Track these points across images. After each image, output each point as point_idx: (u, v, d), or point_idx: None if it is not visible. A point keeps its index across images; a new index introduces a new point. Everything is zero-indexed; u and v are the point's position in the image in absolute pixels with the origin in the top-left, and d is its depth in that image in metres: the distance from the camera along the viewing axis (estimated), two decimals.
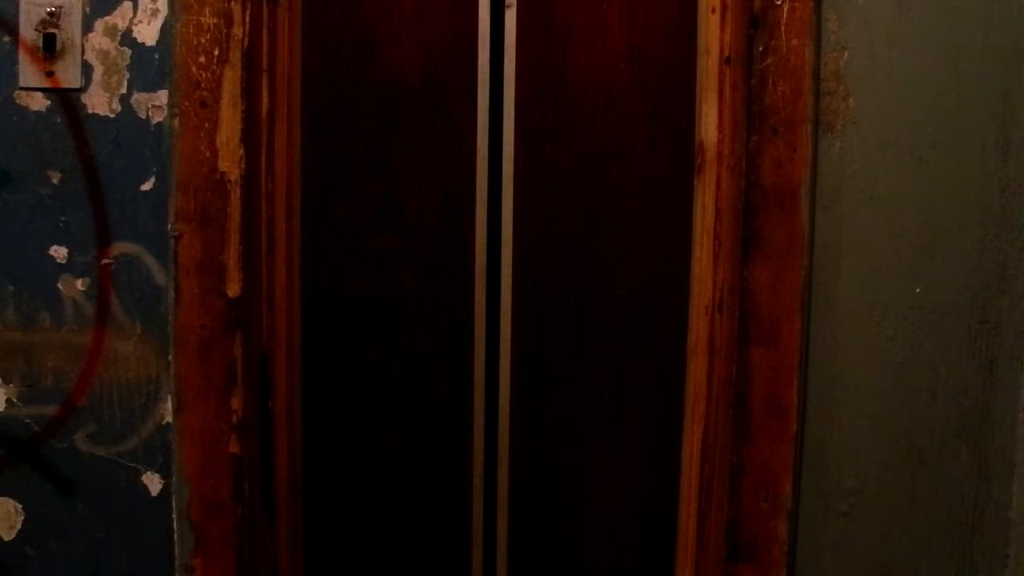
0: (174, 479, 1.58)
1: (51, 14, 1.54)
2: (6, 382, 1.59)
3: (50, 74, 1.55)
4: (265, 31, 1.61)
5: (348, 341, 1.78)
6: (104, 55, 1.56)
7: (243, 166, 1.55)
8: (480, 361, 1.80)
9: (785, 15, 1.51)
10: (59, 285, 1.58)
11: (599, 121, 1.75)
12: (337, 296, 1.77)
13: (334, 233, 1.76)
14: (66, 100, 1.56)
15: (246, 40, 1.54)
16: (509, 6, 1.73)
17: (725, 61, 1.62)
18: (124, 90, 1.56)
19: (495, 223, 1.78)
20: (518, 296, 1.79)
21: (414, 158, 1.76)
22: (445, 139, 1.76)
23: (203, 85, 1.53)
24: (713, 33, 1.64)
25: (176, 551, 1.58)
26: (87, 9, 1.55)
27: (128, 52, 1.56)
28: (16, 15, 1.55)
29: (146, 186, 1.57)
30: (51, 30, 1.54)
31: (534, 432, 1.82)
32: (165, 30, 1.55)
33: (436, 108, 1.76)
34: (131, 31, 1.56)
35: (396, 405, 1.80)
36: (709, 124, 1.65)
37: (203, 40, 1.53)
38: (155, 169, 1.56)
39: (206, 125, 1.54)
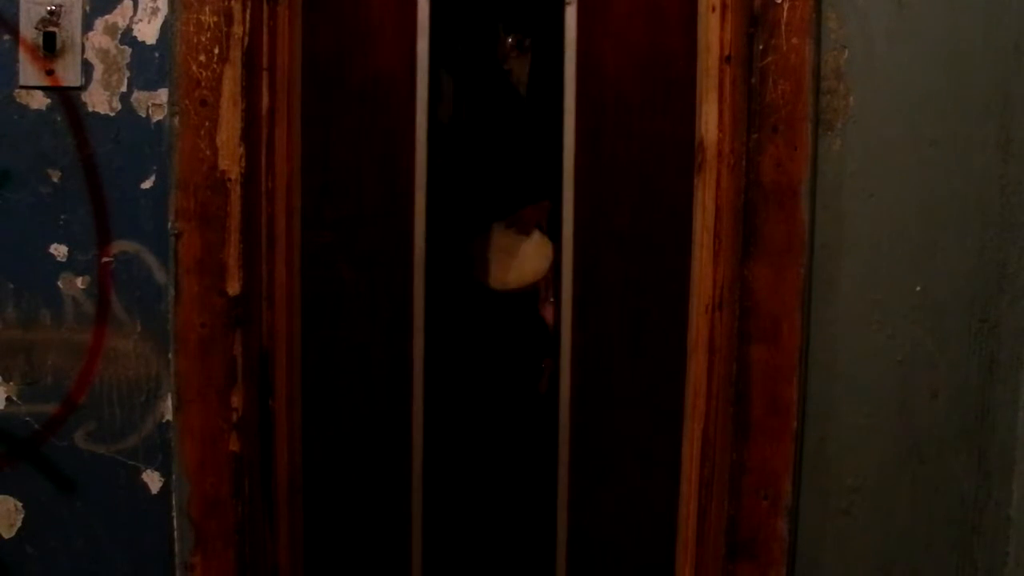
0: (174, 477, 1.58)
1: (51, 13, 1.54)
2: (6, 380, 1.59)
3: (50, 73, 1.55)
4: (265, 29, 1.61)
5: None
6: (104, 54, 1.56)
7: (243, 164, 1.55)
8: (419, 354, 1.81)
9: (785, 13, 1.51)
10: (59, 283, 1.58)
11: (658, 118, 1.75)
12: None
13: None
14: (66, 99, 1.56)
15: (246, 38, 1.54)
16: (569, 4, 1.73)
17: (725, 59, 1.62)
18: (124, 88, 1.56)
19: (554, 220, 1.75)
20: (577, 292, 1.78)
21: (352, 151, 1.77)
22: (383, 131, 1.77)
23: (203, 84, 1.53)
24: (713, 31, 1.64)
25: (176, 549, 1.58)
26: (87, 7, 1.55)
27: (128, 51, 1.56)
28: (16, 13, 1.55)
29: (146, 184, 1.57)
30: (51, 29, 1.54)
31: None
32: (165, 28, 1.55)
33: (376, 102, 1.77)
34: (131, 29, 1.56)
35: (336, 397, 1.81)
36: (709, 122, 1.65)
37: (203, 38, 1.53)
38: (155, 167, 1.56)
39: (206, 124, 1.54)
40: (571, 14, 1.74)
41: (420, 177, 1.79)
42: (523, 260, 2.49)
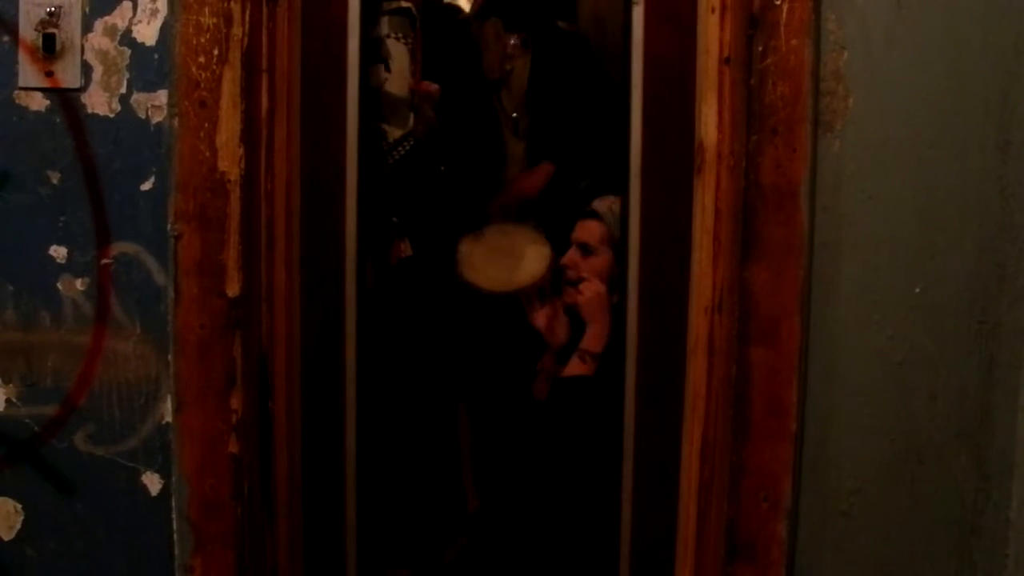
0: (174, 479, 1.58)
1: (51, 14, 1.54)
2: (6, 382, 1.59)
3: (50, 74, 1.55)
4: (265, 31, 1.61)
5: None
6: (104, 55, 1.56)
7: (243, 166, 1.55)
8: (351, 360, 1.80)
9: (784, 15, 1.51)
10: (59, 285, 1.58)
11: None
12: None
13: None
14: (65, 100, 1.56)
15: (246, 40, 1.54)
16: (636, 3, 1.73)
17: (724, 61, 1.62)
18: (124, 90, 1.56)
19: None
20: None
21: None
22: (313, 129, 1.77)
23: (203, 85, 1.53)
24: (712, 33, 1.63)
25: (176, 551, 1.58)
26: (86, 9, 1.55)
27: (128, 52, 1.56)
28: (16, 15, 1.55)
29: (146, 186, 1.57)
30: (51, 30, 1.54)
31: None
32: (165, 30, 1.55)
33: (305, 100, 1.76)
34: (131, 31, 1.56)
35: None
36: (709, 124, 1.65)
37: (203, 40, 1.53)
38: (154, 169, 1.56)
39: (206, 125, 1.54)
40: (638, 14, 1.74)
41: (351, 178, 1.76)
42: (518, 262, 2.48)
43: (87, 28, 1.55)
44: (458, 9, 3.03)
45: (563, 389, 2.13)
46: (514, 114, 2.80)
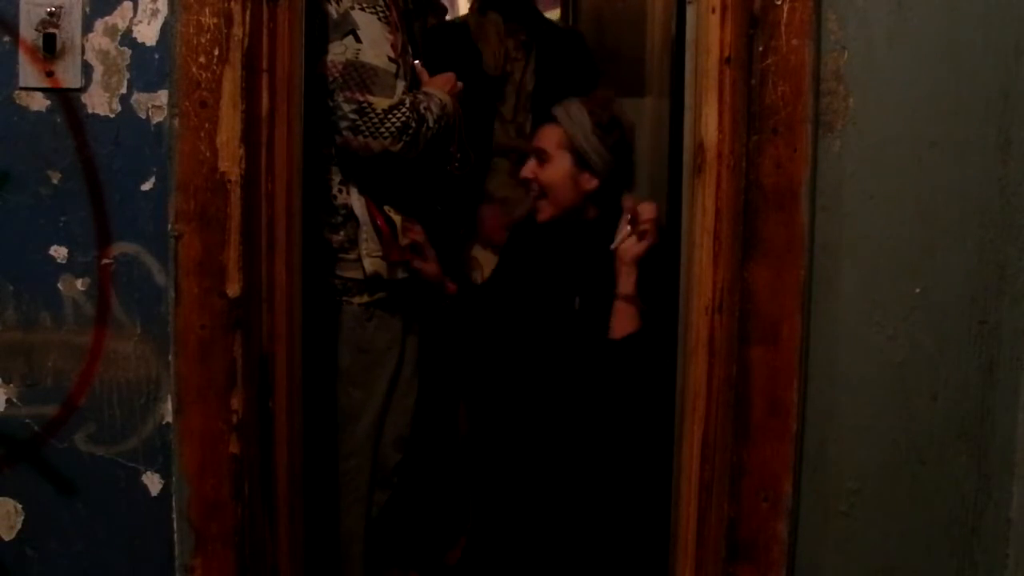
0: (174, 479, 1.58)
1: (51, 14, 1.54)
2: (6, 382, 1.59)
3: (50, 74, 1.55)
4: (265, 31, 1.61)
5: None
6: (104, 55, 1.56)
7: (243, 166, 1.55)
8: None
9: (785, 15, 1.51)
10: (59, 285, 1.58)
11: None
12: None
13: None
14: (66, 100, 1.56)
15: (246, 40, 1.54)
16: (690, 3, 1.72)
17: (725, 61, 1.61)
18: (124, 90, 1.56)
19: None
20: None
21: None
22: None
23: (203, 85, 1.53)
24: (713, 33, 1.63)
25: (176, 551, 1.58)
26: (87, 9, 1.55)
27: (128, 52, 1.56)
28: (16, 15, 1.55)
29: (146, 186, 1.57)
30: (51, 30, 1.54)
31: None
32: (165, 30, 1.55)
33: None
34: (131, 31, 1.56)
35: None
36: (709, 124, 1.64)
37: (203, 40, 1.53)
38: (155, 169, 1.56)
39: (206, 125, 1.54)
40: (691, 12, 1.73)
41: None
42: None
43: (87, 28, 1.55)
44: (444, 8, 3.01)
45: (619, 353, 1.91)
46: (512, 116, 2.77)
